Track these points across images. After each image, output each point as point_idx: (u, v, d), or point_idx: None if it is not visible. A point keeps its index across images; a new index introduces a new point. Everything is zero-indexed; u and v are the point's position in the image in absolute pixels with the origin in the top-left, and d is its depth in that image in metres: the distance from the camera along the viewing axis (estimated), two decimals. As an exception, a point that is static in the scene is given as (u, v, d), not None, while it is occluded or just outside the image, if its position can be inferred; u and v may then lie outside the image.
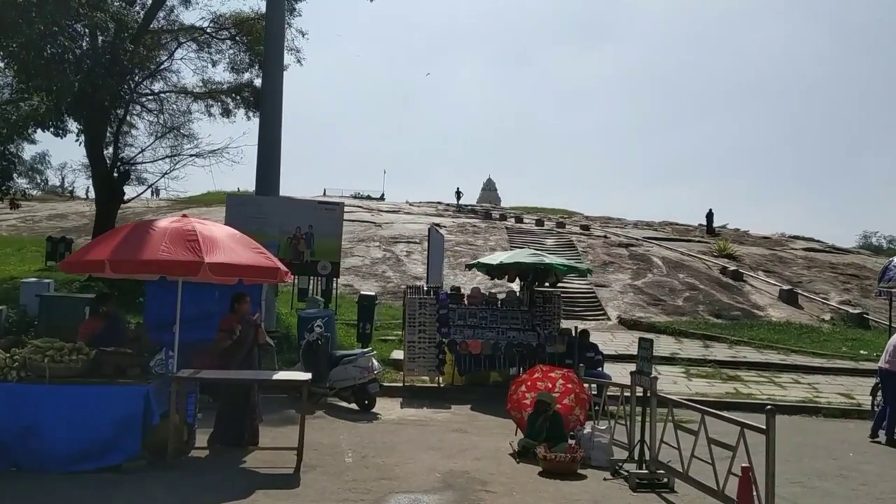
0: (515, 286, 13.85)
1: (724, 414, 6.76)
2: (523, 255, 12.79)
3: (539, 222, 39.68)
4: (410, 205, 49.70)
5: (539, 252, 13.41)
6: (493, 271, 13.12)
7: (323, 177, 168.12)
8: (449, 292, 13.14)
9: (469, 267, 13.58)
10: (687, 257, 30.79)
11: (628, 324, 21.73)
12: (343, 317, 18.76)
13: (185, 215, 7.86)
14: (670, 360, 16.38)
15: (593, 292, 24.98)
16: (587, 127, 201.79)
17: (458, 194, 52.50)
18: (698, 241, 36.37)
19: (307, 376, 7.95)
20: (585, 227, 38.46)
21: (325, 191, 65.96)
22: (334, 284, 20.13)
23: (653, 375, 7.51)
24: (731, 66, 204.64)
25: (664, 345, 18.56)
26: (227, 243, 7.68)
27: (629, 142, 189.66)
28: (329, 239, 14.28)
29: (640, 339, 7.89)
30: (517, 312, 12.94)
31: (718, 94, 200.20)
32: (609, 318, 22.54)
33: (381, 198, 65.28)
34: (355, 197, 60.76)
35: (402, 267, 27.09)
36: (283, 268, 8.22)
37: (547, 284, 13.29)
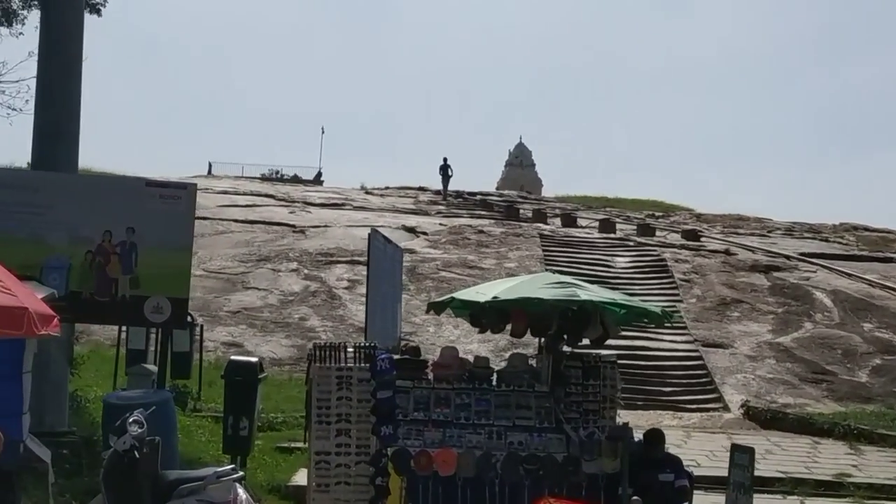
0: (528, 348, 13.61)
1: None
2: (538, 285, 12.43)
3: (605, 225, 39.55)
4: (368, 193, 50.04)
5: (570, 281, 13.07)
6: (485, 316, 12.81)
7: (230, 147, 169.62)
8: (398, 356, 12.79)
9: (433, 308, 13.26)
10: (881, 292, 30.60)
11: (762, 417, 21.46)
12: (212, 403, 18.63)
13: None
14: (836, 488, 16.18)
15: (699, 357, 24.82)
16: (702, 53, 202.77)
17: (446, 170, 51.20)
18: (906, 262, 36.20)
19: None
20: (692, 235, 38.30)
21: (210, 166, 66.58)
22: (198, 342, 20.01)
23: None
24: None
25: (827, 457, 18.34)
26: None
27: (784, 78, 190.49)
28: (168, 253, 13.96)
29: (734, 447, 7.60)
30: (529, 397, 12.62)
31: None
32: (727, 408, 22.42)
33: (317, 180, 65.27)
34: (265, 179, 60.70)
35: (340, 309, 27.03)
36: (41, 310, 7.97)
37: (587, 342, 12.97)
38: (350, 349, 12.67)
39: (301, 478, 13.70)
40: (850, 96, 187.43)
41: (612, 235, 37.54)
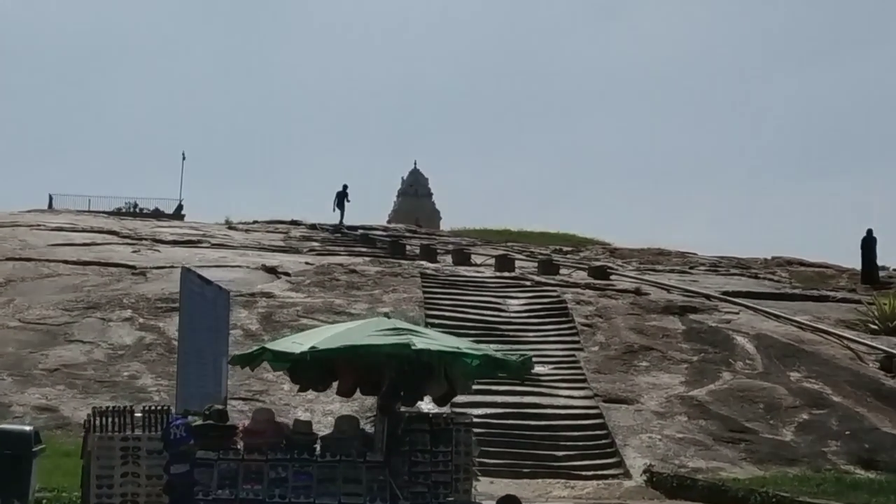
0: (338, 404, 13.28)
1: None
2: (367, 332, 12.27)
3: (503, 262, 39.41)
4: (231, 228, 50.26)
5: (407, 327, 12.82)
6: (305, 370, 12.53)
7: (77, 177, 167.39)
8: (200, 423, 12.45)
9: (240, 362, 12.96)
10: (812, 335, 30.71)
11: (667, 484, 21.08)
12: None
13: None
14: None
15: (599, 415, 24.50)
16: (623, 75, 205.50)
17: (343, 198, 55.08)
18: (842, 301, 36.64)
19: None
20: (601, 273, 38.32)
21: (50, 199, 66.97)
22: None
23: None
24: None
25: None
26: None
27: (714, 102, 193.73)
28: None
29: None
30: (359, 469, 12.57)
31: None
32: (628, 474, 22.10)
33: (178, 213, 65.92)
34: (122, 214, 60.87)
35: (180, 364, 26.30)
36: None
37: (428, 402, 12.76)
38: (138, 414, 12.31)
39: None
40: (786, 121, 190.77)
41: (507, 274, 37.30)
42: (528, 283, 35.45)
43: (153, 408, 12.60)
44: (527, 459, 21.93)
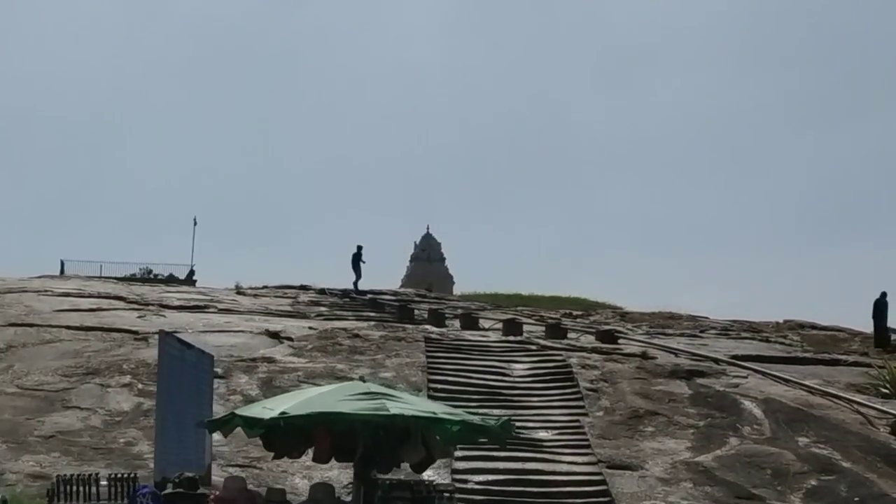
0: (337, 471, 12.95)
1: None
2: (340, 397, 11.96)
3: (510, 326, 39.06)
4: (239, 293, 50.10)
5: (381, 391, 12.49)
6: (278, 436, 12.22)
7: (91, 242, 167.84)
8: (169, 490, 12.12)
9: (212, 427, 12.65)
10: (821, 400, 30.21)
11: (673, 553, 20.68)
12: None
13: None
14: None
15: (603, 482, 24.02)
16: (639, 136, 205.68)
17: (358, 259, 53.92)
18: (854, 364, 36.19)
19: None
20: (608, 337, 37.94)
21: (62, 265, 67.11)
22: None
23: None
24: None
25: None
26: None
27: (730, 167, 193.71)
28: None
29: None
30: None
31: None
32: (633, 543, 21.57)
33: (189, 279, 65.52)
34: (128, 280, 60.28)
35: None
36: None
37: (405, 467, 12.44)
38: (104, 482, 12.06)
39: None
40: (799, 185, 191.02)
41: (512, 338, 36.90)
42: (533, 348, 35.06)
43: (119, 476, 12.29)
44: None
